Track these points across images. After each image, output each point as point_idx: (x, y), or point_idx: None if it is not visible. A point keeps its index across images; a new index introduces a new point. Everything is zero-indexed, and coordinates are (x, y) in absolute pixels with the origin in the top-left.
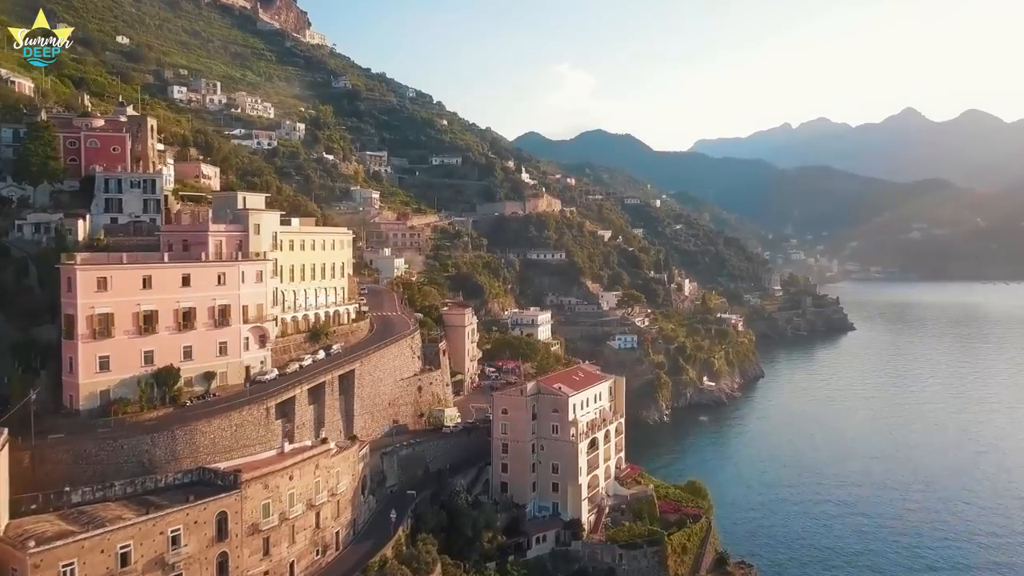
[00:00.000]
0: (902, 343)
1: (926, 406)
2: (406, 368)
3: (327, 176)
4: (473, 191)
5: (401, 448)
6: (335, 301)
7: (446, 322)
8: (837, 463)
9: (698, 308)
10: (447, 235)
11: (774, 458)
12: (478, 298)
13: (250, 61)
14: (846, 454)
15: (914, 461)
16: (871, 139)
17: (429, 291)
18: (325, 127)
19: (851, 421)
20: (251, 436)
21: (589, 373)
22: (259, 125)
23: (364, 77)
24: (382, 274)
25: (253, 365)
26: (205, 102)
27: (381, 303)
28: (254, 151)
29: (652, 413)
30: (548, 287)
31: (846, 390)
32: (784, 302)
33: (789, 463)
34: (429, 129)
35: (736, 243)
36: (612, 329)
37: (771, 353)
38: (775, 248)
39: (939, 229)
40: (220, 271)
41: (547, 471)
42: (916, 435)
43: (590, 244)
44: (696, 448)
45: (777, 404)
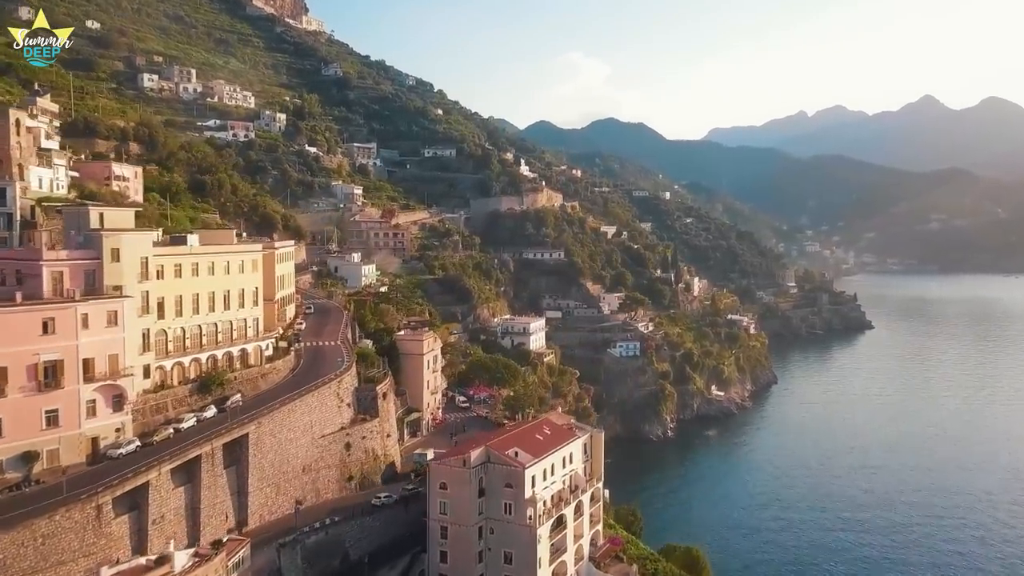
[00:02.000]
0: (923, 343)
1: (952, 415)
2: (329, 421)
3: (307, 170)
4: (467, 185)
5: (309, 534)
6: (243, 337)
7: (400, 350)
8: (857, 485)
9: (707, 309)
10: (436, 233)
11: (789, 480)
12: (466, 303)
13: (234, 47)
14: (867, 474)
15: (942, 481)
16: (888, 127)
17: (385, 309)
18: (310, 117)
19: (872, 436)
20: (70, 548)
21: (558, 429)
22: (236, 115)
23: (362, 65)
24: (348, 283)
25: (104, 435)
26: (178, 91)
27: (323, 327)
28: (227, 143)
29: (654, 428)
30: (545, 289)
31: (866, 398)
32: (799, 299)
33: (805, 487)
34: (422, 119)
35: (749, 237)
36: (613, 335)
37: (785, 355)
38: (790, 240)
39: (958, 220)
40: (46, 316)
41: (498, 561)
42: (943, 449)
43: (592, 242)
44: (702, 469)
45: (791, 415)
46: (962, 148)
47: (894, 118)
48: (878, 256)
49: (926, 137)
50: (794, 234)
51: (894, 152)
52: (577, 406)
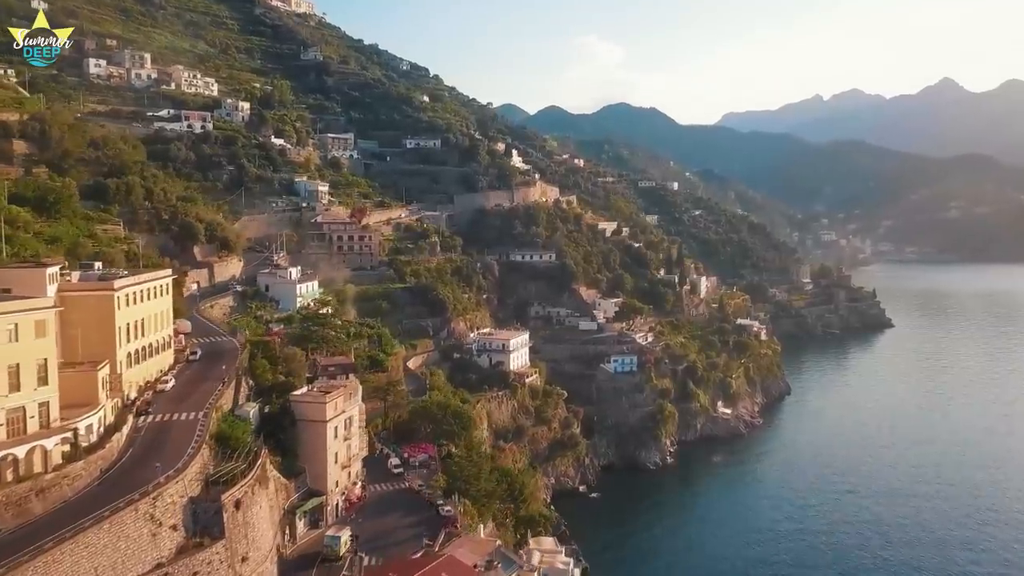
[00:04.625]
0: (948, 343)
1: (984, 428)
2: (132, 561)
3: (269, 165)
4: (452, 179)
5: None
6: (17, 433)
7: (297, 415)
8: (892, 517)
9: (714, 314)
10: (412, 234)
11: (807, 511)
12: (440, 315)
13: (205, 30)
14: (892, 509)
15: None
16: (906, 111)
17: (293, 353)
18: (280, 105)
19: (898, 462)
20: None
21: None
22: (194, 104)
23: (350, 49)
24: (280, 306)
25: None
26: (130, 77)
27: (198, 385)
28: (178, 136)
29: (651, 455)
30: (534, 295)
31: (887, 409)
32: (814, 296)
33: (827, 521)
34: (405, 107)
35: (762, 230)
36: (607, 348)
37: (799, 358)
38: (804, 229)
39: (979, 207)
40: None
41: None
42: (980, 473)
43: (588, 241)
44: (707, 502)
45: (806, 433)
46: (983, 133)
47: (912, 102)
48: (896, 245)
49: (945, 121)
50: (809, 223)
51: (912, 137)
52: (563, 434)
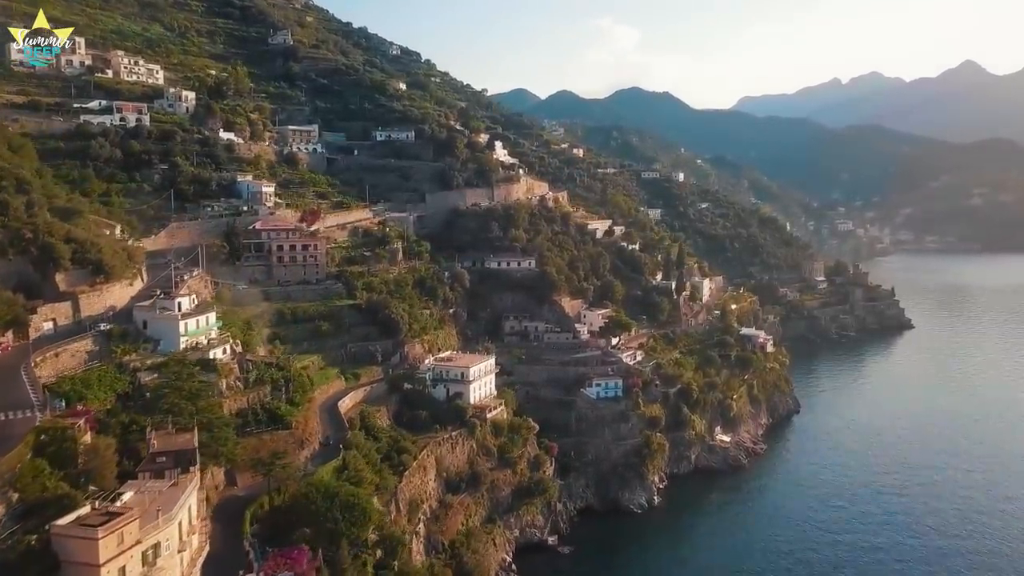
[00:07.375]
0: (974, 347)
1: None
2: None
3: (211, 163)
4: (425, 175)
5: None
6: None
7: (61, 556)
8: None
9: (715, 324)
10: (372, 240)
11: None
12: (392, 337)
13: (164, 12)
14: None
15: None
16: (927, 94)
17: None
18: (236, 95)
19: (925, 499)
20: None
21: None
22: (131, 95)
23: (332, 33)
24: (160, 347)
25: None
26: (60, 64)
27: None
28: (104, 131)
29: (636, 495)
30: (511, 308)
31: (910, 428)
32: (828, 296)
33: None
34: (379, 95)
35: (773, 224)
36: (590, 369)
37: (810, 365)
38: (820, 218)
39: (1003, 195)
40: None
41: None
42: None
43: (575, 244)
44: (701, 553)
45: (817, 462)
46: (1006, 117)
47: (933, 85)
48: (916, 234)
49: (967, 105)
50: (825, 211)
51: (933, 121)
52: (531, 477)
